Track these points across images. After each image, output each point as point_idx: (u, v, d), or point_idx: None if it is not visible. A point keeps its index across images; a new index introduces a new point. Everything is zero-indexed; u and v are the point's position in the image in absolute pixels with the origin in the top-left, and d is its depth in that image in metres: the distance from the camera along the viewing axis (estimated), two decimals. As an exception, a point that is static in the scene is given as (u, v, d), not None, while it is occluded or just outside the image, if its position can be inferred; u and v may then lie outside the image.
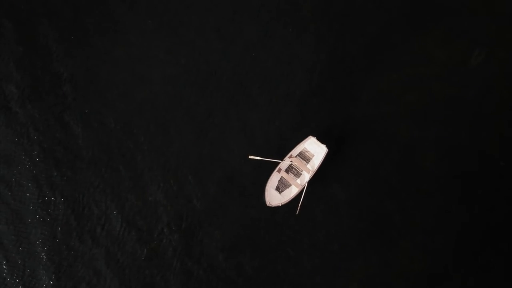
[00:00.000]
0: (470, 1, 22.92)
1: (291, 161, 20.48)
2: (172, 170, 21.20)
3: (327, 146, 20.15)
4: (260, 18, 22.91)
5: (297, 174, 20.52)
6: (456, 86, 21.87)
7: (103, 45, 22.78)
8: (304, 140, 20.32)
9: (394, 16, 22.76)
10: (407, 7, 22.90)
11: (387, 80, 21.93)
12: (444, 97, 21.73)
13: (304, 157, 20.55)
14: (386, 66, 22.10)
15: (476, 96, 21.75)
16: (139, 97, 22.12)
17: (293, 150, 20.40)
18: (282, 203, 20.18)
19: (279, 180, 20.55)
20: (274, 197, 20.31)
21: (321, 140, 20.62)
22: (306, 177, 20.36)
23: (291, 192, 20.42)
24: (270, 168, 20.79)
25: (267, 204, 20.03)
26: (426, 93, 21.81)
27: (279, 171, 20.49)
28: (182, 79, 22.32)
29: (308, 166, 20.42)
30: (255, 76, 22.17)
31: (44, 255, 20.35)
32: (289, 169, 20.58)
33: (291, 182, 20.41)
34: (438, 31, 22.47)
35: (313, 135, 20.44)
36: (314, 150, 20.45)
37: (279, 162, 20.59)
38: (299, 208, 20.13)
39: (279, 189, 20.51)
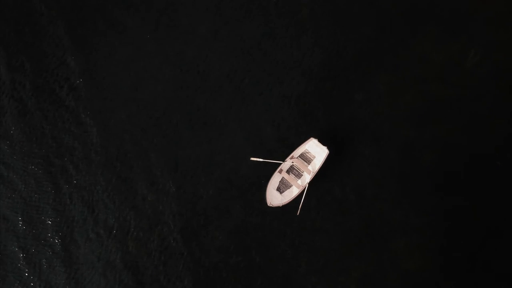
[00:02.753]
0: (466, 2, 23.07)
1: (292, 162, 20.65)
2: (172, 171, 21.28)
3: (328, 148, 20.35)
4: (258, 20, 22.90)
5: (298, 175, 20.70)
6: (453, 86, 22.06)
7: (106, 45, 22.73)
8: (306, 142, 20.49)
9: (391, 17, 22.86)
10: (403, 8, 22.98)
11: (386, 82, 22.10)
12: (441, 97, 21.92)
13: (305, 158, 20.72)
14: (384, 67, 22.25)
15: (473, 96, 21.95)
16: (139, 97, 22.11)
17: (295, 152, 20.56)
18: (283, 204, 20.38)
19: (280, 181, 20.72)
20: (275, 198, 20.49)
21: (322, 142, 20.80)
22: (307, 178, 20.55)
23: (292, 192, 20.60)
24: (271, 169, 20.95)
25: (268, 204, 20.21)
26: (424, 94, 21.99)
27: (280, 171, 20.66)
28: (182, 81, 22.32)
29: (309, 167, 20.60)
30: (254, 78, 22.22)
31: (57, 250, 20.63)
32: (290, 170, 20.75)
33: (292, 183, 20.59)
34: (435, 32, 22.61)
35: (315, 137, 20.61)
36: (315, 151, 20.62)
37: (281, 163, 20.75)
38: (299, 208, 20.35)
39: (280, 189, 20.68)
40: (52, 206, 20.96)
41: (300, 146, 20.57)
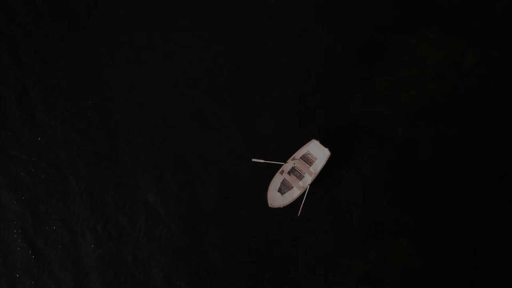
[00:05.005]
0: (466, 2, 23.09)
1: (294, 164, 20.65)
2: (173, 172, 21.21)
3: (329, 149, 20.35)
4: (257, 21, 22.71)
5: (300, 177, 20.71)
6: (451, 86, 22.13)
7: (105, 46, 22.48)
8: (307, 143, 20.46)
9: (391, 17, 22.80)
10: (403, 8, 22.93)
11: (386, 82, 22.10)
12: (440, 97, 21.99)
13: (307, 159, 20.72)
14: (384, 67, 22.23)
15: (471, 95, 22.05)
16: (138, 98, 21.91)
17: (296, 153, 20.54)
18: (284, 205, 20.40)
19: (281, 182, 20.73)
20: (276, 199, 20.52)
21: (324, 143, 20.81)
22: (308, 179, 20.57)
23: (293, 194, 20.63)
24: (273, 170, 20.95)
25: (269, 205, 20.24)
26: (423, 94, 22.05)
27: (281, 173, 20.65)
28: (182, 82, 22.13)
29: (311, 168, 20.62)
30: (254, 79, 22.10)
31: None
32: (291, 171, 20.75)
33: (293, 184, 20.61)
34: (433, 31, 22.61)
35: (316, 139, 20.60)
36: (317, 153, 20.62)
37: (282, 164, 20.74)
38: (300, 209, 20.40)
39: (281, 190, 20.70)
40: (58, 206, 20.93)
41: (302, 148, 20.55)
